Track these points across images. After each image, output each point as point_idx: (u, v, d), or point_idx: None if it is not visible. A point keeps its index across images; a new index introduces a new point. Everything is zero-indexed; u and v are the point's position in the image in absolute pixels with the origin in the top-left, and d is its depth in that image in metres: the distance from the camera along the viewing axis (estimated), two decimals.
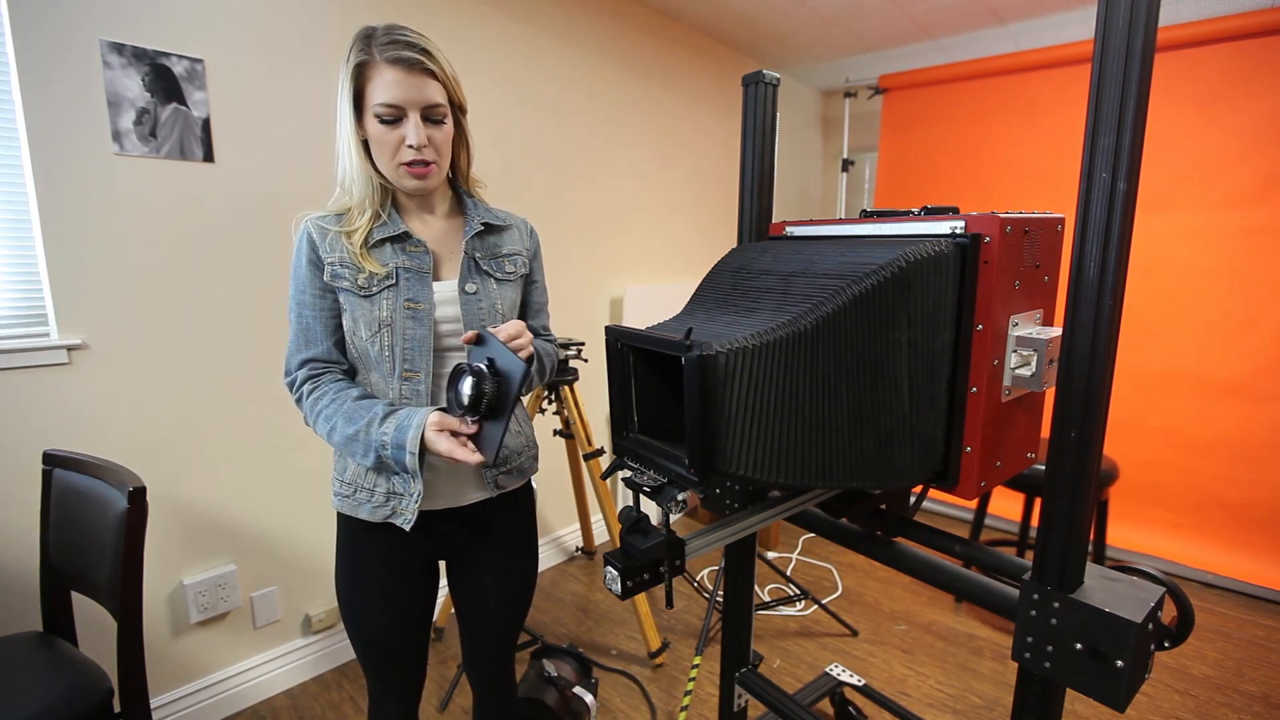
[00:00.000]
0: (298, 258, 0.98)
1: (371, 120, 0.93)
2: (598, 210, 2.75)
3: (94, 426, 1.54)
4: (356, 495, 1.03)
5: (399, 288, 0.98)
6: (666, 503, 0.73)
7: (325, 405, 0.96)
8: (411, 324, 0.98)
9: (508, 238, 1.11)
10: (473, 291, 1.03)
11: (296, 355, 1.00)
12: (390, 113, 0.92)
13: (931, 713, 1.85)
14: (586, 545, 2.75)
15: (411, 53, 0.91)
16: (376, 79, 0.91)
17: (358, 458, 0.96)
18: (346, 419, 0.94)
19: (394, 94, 0.91)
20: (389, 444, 0.92)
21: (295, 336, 0.99)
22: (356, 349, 1.00)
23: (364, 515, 1.02)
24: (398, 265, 0.99)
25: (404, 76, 0.91)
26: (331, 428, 0.95)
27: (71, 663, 1.23)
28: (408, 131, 0.93)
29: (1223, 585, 2.59)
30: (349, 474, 1.03)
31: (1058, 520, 0.73)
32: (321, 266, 0.97)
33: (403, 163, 0.95)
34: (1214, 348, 2.60)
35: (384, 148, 0.94)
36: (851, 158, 3.77)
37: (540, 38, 2.41)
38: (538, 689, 1.66)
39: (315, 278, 0.97)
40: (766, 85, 1.10)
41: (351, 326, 0.98)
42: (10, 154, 1.42)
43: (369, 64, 0.91)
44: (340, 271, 0.97)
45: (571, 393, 2.16)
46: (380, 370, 1.00)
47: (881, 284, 0.71)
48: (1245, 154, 2.48)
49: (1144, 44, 0.62)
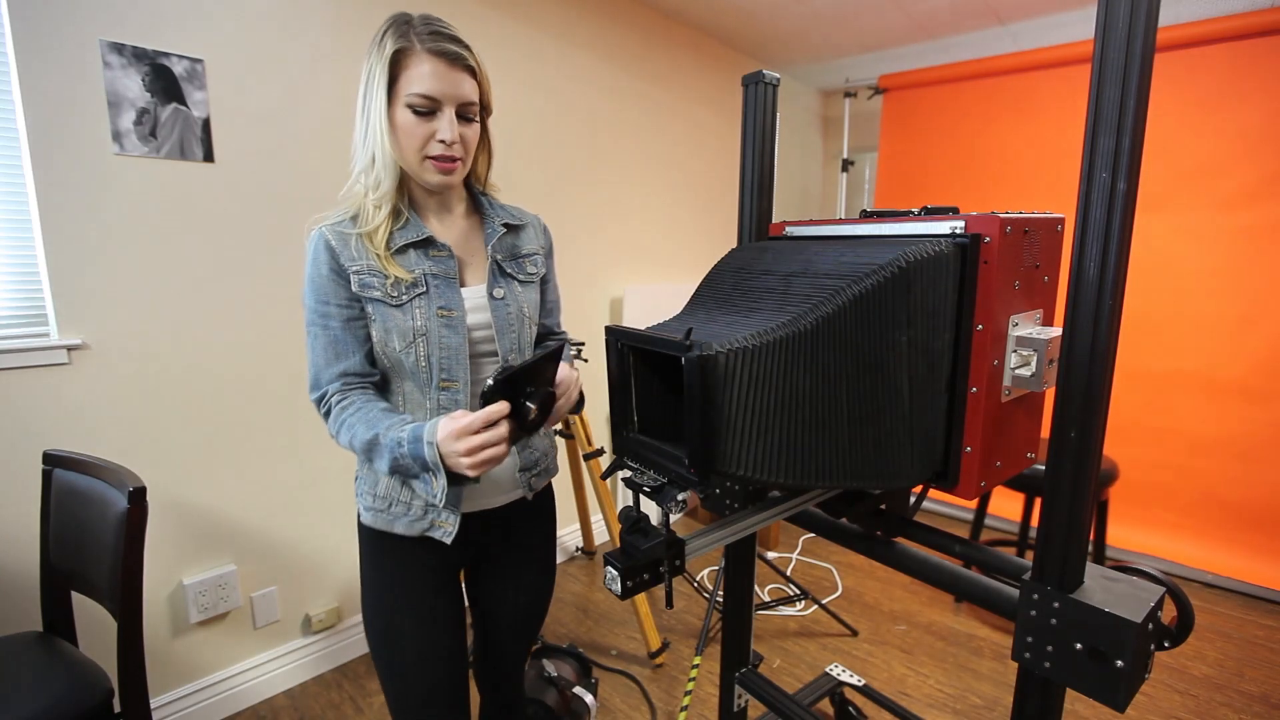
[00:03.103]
0: (315, 268, 0.92)
1: (402, 110, 0.89)
2: (598, 210, 2.75)
3: (94, 426, 1.54)
4: (392, 509, 0.98)
5: (430, 295, 0.95)
6: (666, 503, 0.73)
7: (350, 415, 0.92)
8: (447, 332, 0.95)
9: (525, 237, 1.09)
10: (500, 296, 1.01)
11: (328, 369, 0.94)
12: (426, 104, 0.89)
13: (931, 713, 1.85)
14: (586, 545, 2.75)
15: (455, 47, 0.89)
16: (415, 68, 0.88)
17: (376, 463, 0.91)
18: (367, 424, 0.90)
19: (432, 86, 0.88)
20: (405, 439, 0.88)
21: (324, 349, 0.94)
22: (389, 359, 0.96)
23: (400, 530, 0.98)
24: (425, 272, 0.95)
25: (445, 69, 0.89)
26: (353, 435, 0.91)
27: (71, 663, 1.23)
28: (441, 125, 0.90)
29: (1223, 585, 2.59)
30: (382, 487, 0.99)
31: (1058, 520, 0.73)
32: (345, 275, 0.92)
33: (430, 156, 0.92)
34: (1214, 348, 2.60)
35: (412, 139, 0.91)
36: (851, 158, 3.76)
37: (540, 37, 2.41)
38: (538, 689, 1.66)
39: (340, 287, 0.93)
40: (766, 85, 1.10)
41: (383, 337, 0.94)
42: (10, 154, 1.42)
43: (408, 52, 0.88)
44: (369, 280, 0.92)
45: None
46: (417, 380, 0.96)
47: (881, 284, 0.71)
48: (1245, 154, 2.48)
49: (1144, 44, 0.62)
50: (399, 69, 0.88)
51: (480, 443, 0.82)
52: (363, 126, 0.92)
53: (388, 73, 0.88)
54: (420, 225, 0.97)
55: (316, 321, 0.94)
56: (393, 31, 0.89)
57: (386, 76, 0.88)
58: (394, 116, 0.90)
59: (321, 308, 0.93)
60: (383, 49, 0.88)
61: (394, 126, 0.90)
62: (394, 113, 0.90)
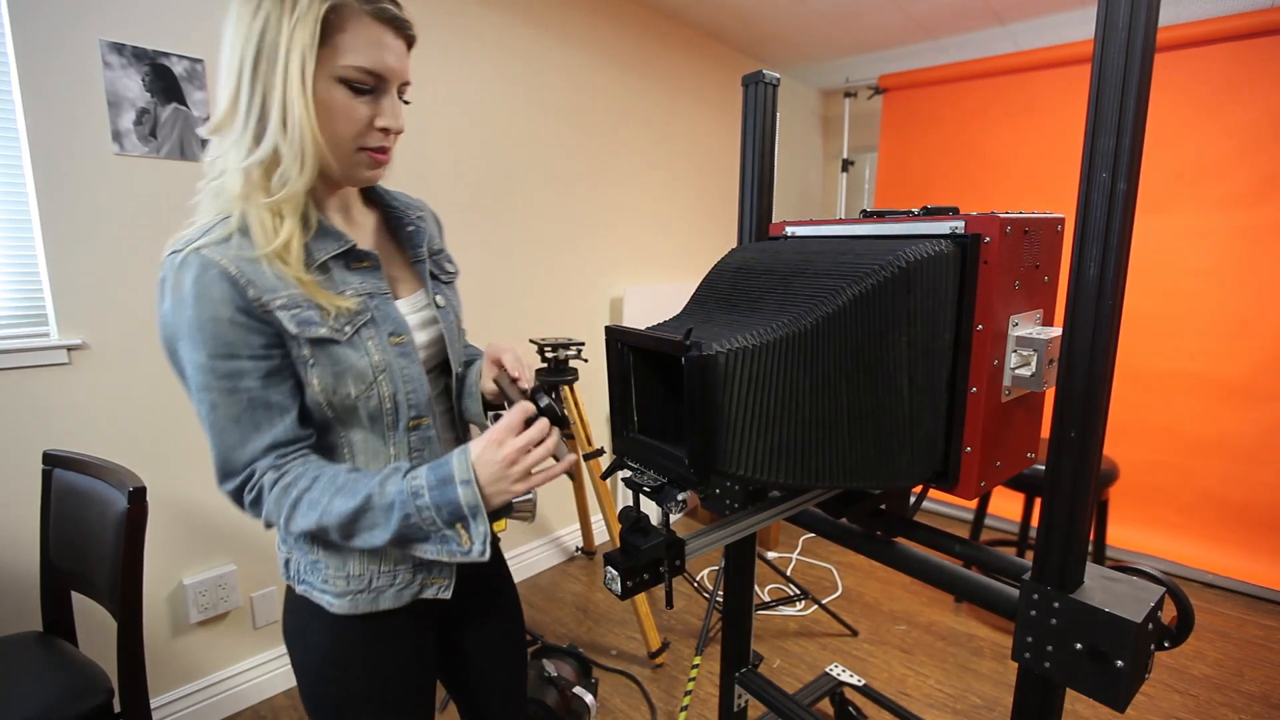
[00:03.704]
0: (208, 310, 0.66)
1: (334, 85, 0.69)
2: (598, 210, 2.75)
3: (94, 426, 1.54)
4: (374, 584, 0.79)
5: (376, 322, 0.76)
6: (666, 503, 0.73)
7: (305, 489, 0.70)
8: (405, 362, 0.78)
9: (430, 228, 0.93)
10: (443, 305, 0.87)
11: (247, 445, 0.70)
12: (369, 81, 0.70)
13: (931, 713, 1.85)
14: (586, 545, 2.75)
15: (403, 13, 0.72)
16: (356, 33, 0.68)
17: (366, 537, 0.71)
18: (344, 493, 0.70)
19: (378, 58, 0.70)
20: (425, 487, 0.70)
21: (237, 422, 0.69)
22: (335, 409, 0.75)
23: (387, 604, 0.80)
24: (358, 291, 0.76)
25: (393, 40, 0.71)
26: (321, 512, 0.70)
27: (71, 663, 1.23)
28: (384, 109, 0.72)
29: (1223, 585, 2.59)
30: (355, 565, 0.79)
31: (1058, 520, 0.73)
32: (262, 315, 0.68)
33: (367, 147, 0.73)
34: (1214, 348, 2.60)
35: (347, 123, 0.71)
36: (851, 158, 3.76)
37: (540, 37, 2.41)
38: (538, 689, 1.66)
39: (253, 333, 0.68)
40: (766, 85, 1.10)
41: (330, 384, 0.73)
42: (10, 154, 1.42)
43: (346, 11, 0.67)
44: (308, 315, 0.70)
45: (571, 393, 2.16)
46: (377, 426, 0.78)
47: (881, 284, 0.71)
48: (1245, 154, 2.48)
49: (1144, 44, 0.62)
50: (332, 32, 0.67)
51: (527, 440, 0.71)
52: (257, 101, 0.68)
53: (316, 35, 0.66)
54: (336, 232, 0.76)
55: (217, 385, 0.68)
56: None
57: (315, 40, 0.66)
58: (320, 92, 0.68)
59: (225, 365, 0.68)
60: (306, 4, 0.66)
61: (321, 105, 0.69)
62: (320, 88, 0.68)
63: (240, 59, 0.67)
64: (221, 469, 0.71)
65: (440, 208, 1.01)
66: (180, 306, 0.67)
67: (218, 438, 0.70)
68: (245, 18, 0.67)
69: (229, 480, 0.72)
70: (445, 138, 2.16)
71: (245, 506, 0.72)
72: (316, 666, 0.81)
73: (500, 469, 0.70)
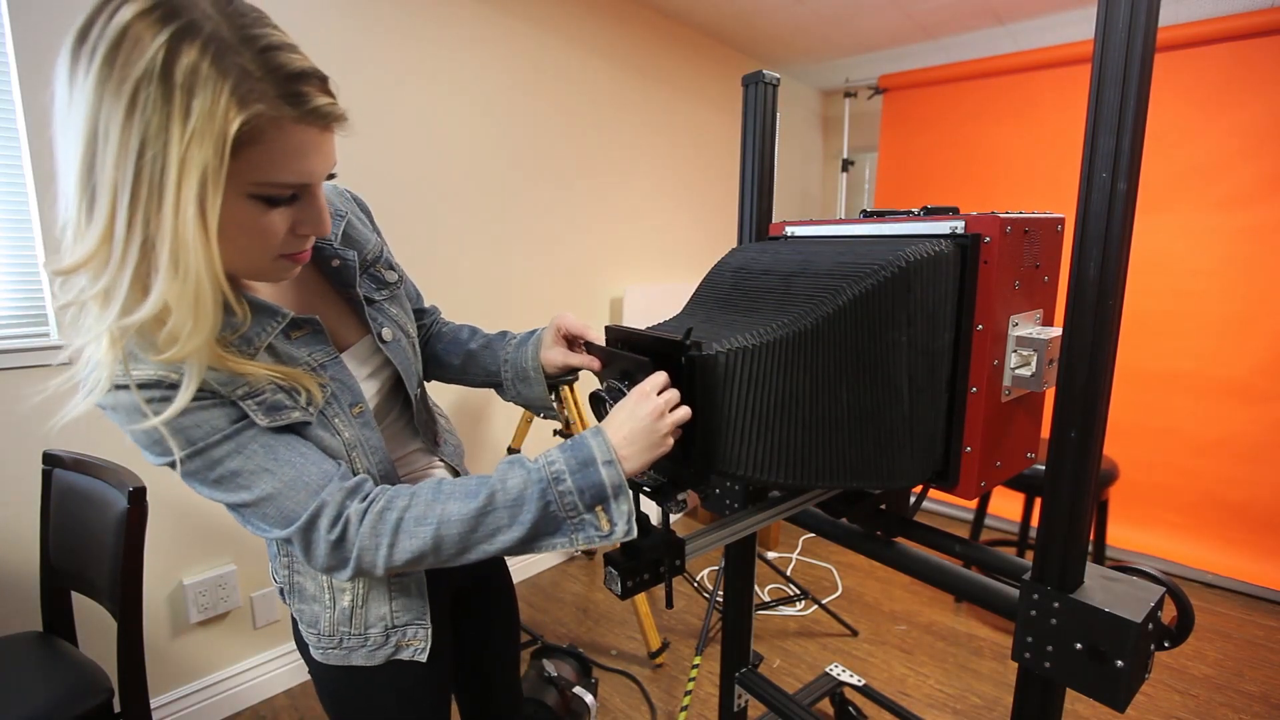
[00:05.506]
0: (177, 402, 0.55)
1: (242, 200, 0.54)
2: (598, 210, 2.75)
3: (94, 426, 1.54)
4: (345, 644, 0.76)
5: (336, 396, 0.69)
6: (666, 502, 0.73)
7: (405, 507, 0.63)
8: (368, 433, 0.72)
9: (354, 232, 0.79)
10: (391, 338, 0.78)
11: (301, 482, 0.62)
12: (289, 192, 0.57)
13: (931, 713, 1.85)
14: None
15: (334, 99, 0.58)
16: (275, 144, 0.53)
17: (493, 541, 0.63)
18: (457, 497, 0.63)
19: (302, 170, 0.56)
20: (566, 471, 0.63)
21: (288, 487, 0.61)
22: None
23: (359, 662, 0.77)
24: (306, 364, 0.67)
25: (319, 138, 0.57)
26: (438, 524, 0.62)
27: (71, 663, 1.23)
28: (307, 215, 0.60)
29: (1223, 585, 2.59)
30: (326, 623, 0.76)
31: (1058, 520, 0.73)
32: (250, 417, 0.61)
33: (287, 254, 0.61)
34: (1214, 348, 2.60)
35: (260, 239, 0.57)
36: (851, 158, 3.77)
37: (540, 37, 2.41)
38: (538, 689, 1.66)
39: (260, 427, 0.61)
40: (766, 85, 1.10)
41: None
42: (10, 154, 1.42)
43: (263, 120, 0.52)
44: (276, 400, 0.62)
45: (571, 392, 2.16)
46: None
47: (881, 284, 0.71)
48: (1245, 154, 2.48)
49: (1144, 44, 0.62)
50: (244, 145, 0.52)
51: (667, 396, 0.67)
52: (136, 238, 0.50)
53: (225, 155, 0.50)
54: (269, 306, 0.64)
55: (237, 434, 0.60)
56: (214, 74, 0.49)
57: (222, 160, 0.50)
58: (225, 211, 0.53)
59: (230, 424, 0.60)
60: (207, 113, 0.49)
61: (227, 227, 0.54)
62: (225, 205, 0.52)
63: (112, 181, 0.49)
64: (280, 519, 0.61)
65: (441, 207, 0.99)
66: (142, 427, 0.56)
67: (268, 486, 0.61)
68: (114, 116, 0.48)
69: (290, 524, 0.61)
70: (446, 137, 2.16)
71: (321, 548, 0.62)
72: (322, 701, 0.83)
73: (650, 421, 0.65)
